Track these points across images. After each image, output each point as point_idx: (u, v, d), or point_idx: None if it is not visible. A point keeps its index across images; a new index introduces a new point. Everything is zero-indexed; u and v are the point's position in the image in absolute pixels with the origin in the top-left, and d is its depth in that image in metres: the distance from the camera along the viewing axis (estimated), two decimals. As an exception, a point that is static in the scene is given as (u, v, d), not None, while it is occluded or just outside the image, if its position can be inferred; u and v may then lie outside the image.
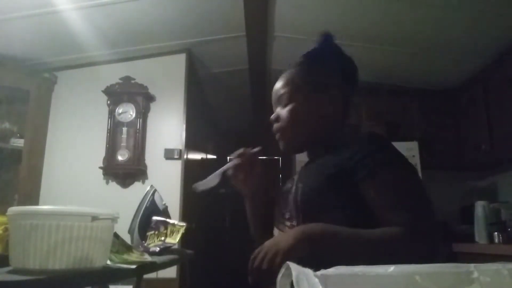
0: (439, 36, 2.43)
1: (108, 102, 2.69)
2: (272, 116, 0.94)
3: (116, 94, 2.69)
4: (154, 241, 1.39)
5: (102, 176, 2.66)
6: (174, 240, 1.41)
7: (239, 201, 1.05)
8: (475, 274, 0.27)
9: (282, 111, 0.92)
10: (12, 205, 1.77)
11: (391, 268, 0.25)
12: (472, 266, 0.28)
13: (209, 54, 2.95)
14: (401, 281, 0.25)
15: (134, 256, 1.07)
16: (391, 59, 2.80)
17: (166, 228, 1.42)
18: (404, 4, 2.16)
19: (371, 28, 2.42)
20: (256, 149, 0.96)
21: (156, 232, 1.41)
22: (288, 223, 0.84)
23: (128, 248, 1.10)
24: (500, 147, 2.53)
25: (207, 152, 4.19)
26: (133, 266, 1.00)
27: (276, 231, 0.91)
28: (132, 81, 2.73)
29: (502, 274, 0.27)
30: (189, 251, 1.64)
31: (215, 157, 4.72)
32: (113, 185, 2.66)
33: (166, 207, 1.64)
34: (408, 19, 2.31)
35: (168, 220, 1.47)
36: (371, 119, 2.98)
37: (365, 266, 0.26)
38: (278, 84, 0.95)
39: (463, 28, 2.33)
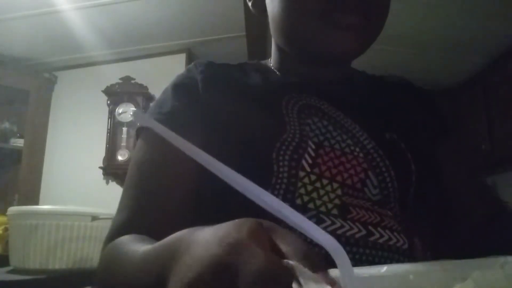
0: (439, 36, 2.43)
1: (108, 102, 2.69)
2: None
3: (116, 94, 2.69)
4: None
5: (102, 176, 2.66)
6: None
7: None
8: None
9: None
10: (12, 205, 1.77)
11: (384, 268, 0.25)
12: (463, 262, 0.28)
13: (209, 54, 2.95)
14: (395, 281, 0.24)
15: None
16: (391, 59, 2.80)
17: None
18: (404, 4, 2.16)
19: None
20: None
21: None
22: (379, 209, 0.47)
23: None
24: (500, 147, 2.53)
25: (207, 152, 4.19)
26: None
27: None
28: (132, 81, 2.73)
29: (495, 267, 0.27)
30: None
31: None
32: (113, 185, 2.66)
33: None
34: (408, 19, 2.31)
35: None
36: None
37: (360, 267, 0.26)
38: None
39: (463, 28, 2.33)
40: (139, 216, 0.47)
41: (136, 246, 0.37)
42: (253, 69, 0.61)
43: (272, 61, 0.62)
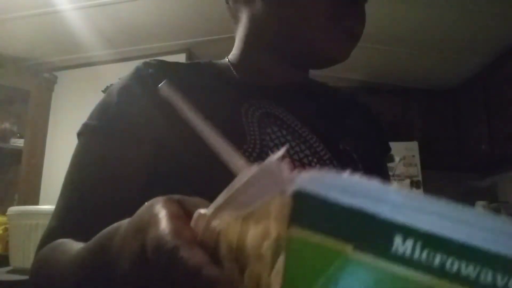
0: (439, 36, 2.43)
1: (108, 102, 2.69)
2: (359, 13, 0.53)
3: (116, 94, 2.69)
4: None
5: (102, 176, 2.66)
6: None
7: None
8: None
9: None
10: (12, 205, 1.76)
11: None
12: None
13: (209, 54, 2.95)
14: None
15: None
16: (391, 59, 2.80)
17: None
18: (404, 4, 2.16)
19: (371, 28, 2.42)
20: None
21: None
22: None
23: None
24: (500, 147, 2.53)
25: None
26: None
27: None
28: (132, 81, 2.73)
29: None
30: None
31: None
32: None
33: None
34: (408, 19, 2.31)
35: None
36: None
37: None
38: None
39: (463, 28, 2.33)
40: (74, 221, 0.46)
41: (73, 245, 0.38)
42: (208, 70, 0.57)
43: (234, 59, 0.59)
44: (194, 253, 0.21)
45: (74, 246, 0.37)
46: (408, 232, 0.13)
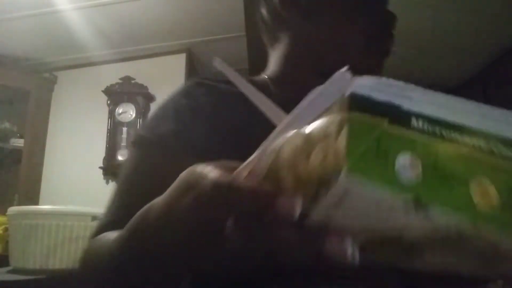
0: (439, 36, 2.43)
1: (108, 102, 2.69)
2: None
3: (116, 94, 2.69)
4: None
5: (102, 176, 2.66)
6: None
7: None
8: None
9: None
10: (12, 205, 1.77)
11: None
12: None
13: (209, 54, 2.95)
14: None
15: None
16: (391, 59, 2.80)
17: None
18: (404, 3, 2.16)
19: (371, 28, 2.43)
20: None
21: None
22: None
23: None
24: (500, 147, 2.54)
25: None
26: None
27: None
28: (132, 81, 2.73)
29: None
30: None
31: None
32: (113, 185, 2.66)
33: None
34: (407, 19, 2.31)
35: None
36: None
37: None
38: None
39: (463, 28, 2.33)
40: (127, 218, 0.48)
41: (115, 234, 0.41)
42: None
43: (273, 76, 0.63)
44: (248, 181, 0.25)
45: (116, 234, 0.41)
46: (419, 115, 0.23)
